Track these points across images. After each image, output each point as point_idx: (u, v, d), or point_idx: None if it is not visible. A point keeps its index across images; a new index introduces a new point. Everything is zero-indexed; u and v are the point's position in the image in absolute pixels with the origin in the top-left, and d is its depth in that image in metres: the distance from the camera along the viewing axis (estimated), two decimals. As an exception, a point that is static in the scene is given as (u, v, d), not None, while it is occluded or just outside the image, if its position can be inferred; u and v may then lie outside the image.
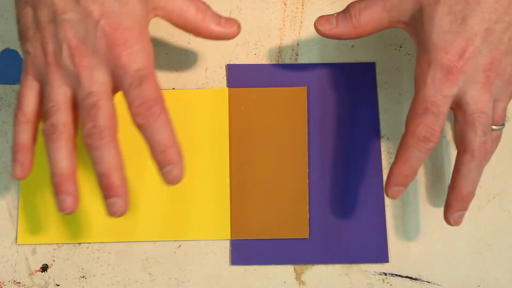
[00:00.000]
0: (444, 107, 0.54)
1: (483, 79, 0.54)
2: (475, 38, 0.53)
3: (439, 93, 0.54)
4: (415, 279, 0.63)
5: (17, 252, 0.63)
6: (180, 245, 0.63)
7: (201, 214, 0.63)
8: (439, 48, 0.54)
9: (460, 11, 0.54)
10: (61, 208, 0.55)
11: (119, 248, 0.63)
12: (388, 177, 0.57)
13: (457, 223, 0.57)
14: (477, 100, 0.54)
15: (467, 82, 0.54)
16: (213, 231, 0.63)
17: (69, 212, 0.55)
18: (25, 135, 0.56)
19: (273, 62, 0.67)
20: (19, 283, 0.62)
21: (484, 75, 0.54)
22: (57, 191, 0.54)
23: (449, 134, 0.66)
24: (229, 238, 0.63)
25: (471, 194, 0.56)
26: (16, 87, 0.66)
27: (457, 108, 0.55)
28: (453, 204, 0.57)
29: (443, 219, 0.64)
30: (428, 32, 0.55)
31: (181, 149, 0.55)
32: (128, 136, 0.65)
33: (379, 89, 0.67)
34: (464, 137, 0.55)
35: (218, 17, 0.59)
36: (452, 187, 0.56)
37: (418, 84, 0.55)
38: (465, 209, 0.57)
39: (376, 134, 0.65)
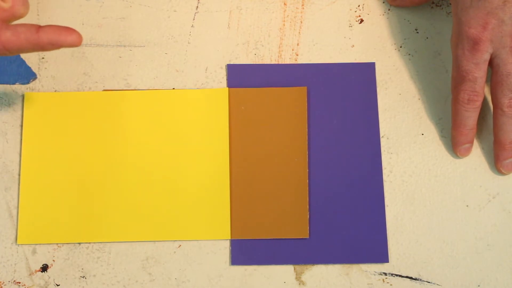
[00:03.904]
0: (479, 72, 0.61)
1: (510, 43, 0.60)
2: (495, 11, 0.60)
3: (470, 62, 0.61)
4: (415, 279, 0.63)
5: (17, 252, 0.63)
6: (180, 245, 0.63)
7: (201, 214, 0.63)
8: (463, 23, 0.61)
9: None
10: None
11: (119, 248, 0.63)
12: (452, 141, 0.64)
13: (508, 170, 0.64)
14: (506, 63, 0.61)
15: (497, 47, 0.61)
16: (213, 231, 0.63)
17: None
18: None
19: (273, 62, 0.67)
20: (19, 283, 0.62)
21: (511, 39, 0.60)
22: None
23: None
24: (229, 238, 0.63)
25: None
26: (16, 87, 0.66)
27: (491, 67, 0.62)
28: (499, 154, 0.63)
29: (443, 219, 0.64)
30: (454, 9, 0.62)
31: None
32: (128, 136, 0.65)
33: (379, 89, 0.67)
34: (494, 95, 0.62)
35: None
36: (494, 140, 0.64)
37: (453, 55, 0.62)
38: (511, 156, 0.63)
39: (376, 134, 0.65)
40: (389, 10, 0.69)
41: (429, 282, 0.62)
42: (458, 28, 0.62)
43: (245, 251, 0.63)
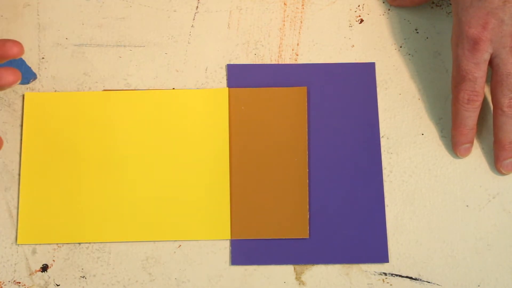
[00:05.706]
0: (479, 72, 0.61)
1: (510, 43, 0.60)
2: (495, 11, 0.60)
3: (471, 62, 0.61)
4: (415, 279, 0.63)
5: (17, 252, 0.63)
6: (180, 245, 0.63)
7: (201, 214, 0.63)
8: (464, 23, 0.61)
9: None
10: None
11: (119, 248, 0.63)
12: (452, 140, 0.64)
13: (508, 170, 0.64)
14: (506, 63, 0.61)
15: (497, 46, 0.61)
16: (213, 231, 0.63)
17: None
18: None
19: (273, 62, 0.67)
20: (19, 283, 0.62)
21: (511, 39, 0.60)
22: None
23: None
24: (229, 238, 0.63)
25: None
26: (16, 87, 0.66)
27: (491, 67, 0.62)
28: (499, 154, 0.63)
29: (443, 219, 0.64)
30: (454, 8, 0.62)
31: None
32: (128, 136, 0.65)
33: (379, 89, 0.67)
34: (494, 95, 0.62)
35: None
36: (494, 140, 0.64)
37: (453, 55, 0.63)
38: (511, 156, 0.63)
39: (376, 134, 0.65)
40: (389, 10, 0.69)
41: (429, 282, 0.62)
42: (458, 27, 0.62)
43: (245, 251, 0.63)
